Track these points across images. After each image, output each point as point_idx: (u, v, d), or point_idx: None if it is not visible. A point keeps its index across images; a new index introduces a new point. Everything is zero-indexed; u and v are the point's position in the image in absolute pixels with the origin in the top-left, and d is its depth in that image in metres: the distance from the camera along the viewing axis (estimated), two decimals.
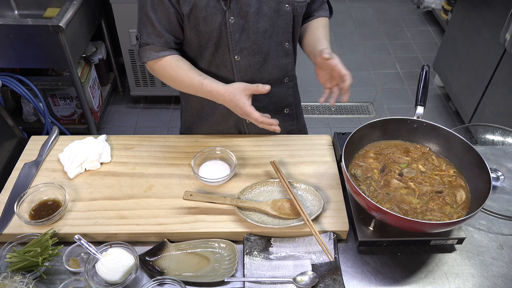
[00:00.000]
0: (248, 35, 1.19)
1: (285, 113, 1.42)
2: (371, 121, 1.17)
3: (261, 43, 1.21)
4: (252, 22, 1.17)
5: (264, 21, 1.18)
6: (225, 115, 1.37)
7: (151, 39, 1.20)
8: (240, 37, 1.19)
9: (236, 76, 1.26)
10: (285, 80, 1.35)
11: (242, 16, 1.16)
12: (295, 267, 1.03)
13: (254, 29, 1.18)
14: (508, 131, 1.39)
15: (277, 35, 1.22)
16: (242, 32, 1.18)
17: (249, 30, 1.18)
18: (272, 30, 1.21)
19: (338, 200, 1.17)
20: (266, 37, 1.21)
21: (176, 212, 1.13)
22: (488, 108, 2.63)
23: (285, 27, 1.22)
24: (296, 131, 1.50)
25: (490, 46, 2.56)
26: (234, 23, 1.16)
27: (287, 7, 1.19)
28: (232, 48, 1.20)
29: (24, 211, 1.11)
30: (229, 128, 1.41)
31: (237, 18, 1.16)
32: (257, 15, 1.16)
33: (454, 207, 1.05)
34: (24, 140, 1.38)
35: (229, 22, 1.16)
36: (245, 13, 1.15)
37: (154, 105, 3.18)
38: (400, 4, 4.57)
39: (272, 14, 1.18)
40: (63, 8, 2.30)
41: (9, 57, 2.30)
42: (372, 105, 3.26)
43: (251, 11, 1.15)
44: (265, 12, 1.17)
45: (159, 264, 1.04)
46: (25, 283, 0.94)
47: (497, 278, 1.04)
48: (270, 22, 1.19)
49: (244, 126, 1.40)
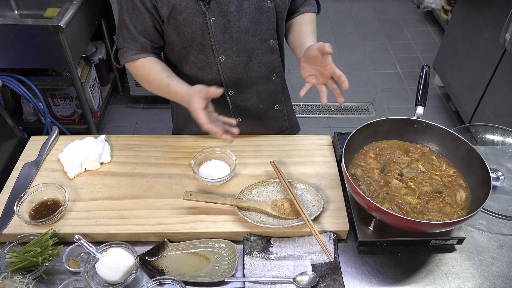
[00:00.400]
0: (231, 34, 1.18)
1: (276, 110, 1.42)
2: (371, 121, 1.17)
3: (244, 41, 1.20)
4: (234, 21, 1.16)
5: (246, 19, 1.17)
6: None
7: (126, 43, 1.20)
8: (223, 37, 1.18)
9: (222, 76, 1.26)
10: (273, 77, 1.34)
11: (223, 15, 1.15)
12: (295, 267, 1.03)
13: (236, 28, 1.17)
14: (508, 131, 1.39)
15: (260, 32, 1.21)
16: (225, 32, 1.17)
17: (231, 29, 1.17)
18: (255, 27, 1.19)
19: (338, 200, 1.17)
20: (249, 35, 1.20)
21: (176, 212, 1.13)
22: (488, 108, 2.63)
23: (269, 23, 1.21)
24: (287, 127, 1.49)
25: (490, 46, 2.56)
26: (216, 23, 1.15)
27: (269, 4, 1.17)
28: (216, 48, 1.19)
29: (24, 211, 1.11)
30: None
31: (218, 18, 1.14)
32: (239, 14, 1.15)
33: (454, 207, 1.05)
34: (24, 140, 1.38)
35: (210, 23, 1.14)
36: (226, 13, 1.14)
37: (154, 105, 3.18)
38: (400, 4, 4.57)
39: (254, 12, 1.17)
40: (63, 8, 2.30)
41: (9, 57, 2.30)
42: (372, 105, 3.26)
43: (231, 10, 1.14)
44: (246, 10, 1.16)
45: (159, 264, 1.04)
46: (25, 283, 0.94)
47: (497, 278, 1.04)
48: (253, 20, 1.18)
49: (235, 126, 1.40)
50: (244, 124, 1.39)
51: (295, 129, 1.55)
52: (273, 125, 1.44)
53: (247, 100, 1.33)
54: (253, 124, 1.41)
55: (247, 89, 1.31)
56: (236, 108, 1.35)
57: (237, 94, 1.31)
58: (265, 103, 1.38)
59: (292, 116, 1.52)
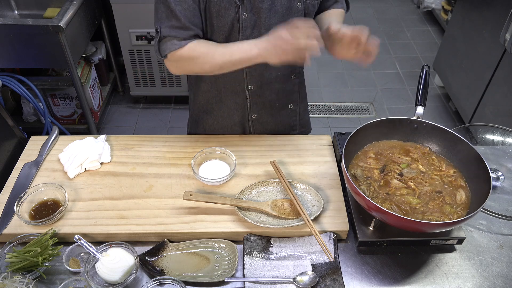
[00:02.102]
0: (259, 31, 1.19)
1: (290, 109, 1.44)
2: (371, 121, 1.17)
3: None
4: (264, 19, 1.17)
5: (276, 18, 1.19)
6: (231, 110, 1.38)
7: (174, 31, 1.14)
8: (251, 32, 1.19)
9: (245, 70, 1.27)
10: (292, 77, 1.36)
11: (255, 12, 1.16)
12: (295, 267, 1.03)
13: (265, 25, 1.18)
14: (508, 131, 1.39)
15: None
16: (254, 28, 1.19)
17: (260, 26, 1.19)
18: None
19: (338, 200, 1.17)
20: None
21: (176, 212, 1.13)
22: (488, 108, 2.62)
23: None
24: (298, 126, 1.50)
25: (490, 46, 2.56)
26: (247, 18, 1.16)
27: (299, 5, 1.20)
28: None
29: (24, 211, 1.11)
30: (234, 124, 1.42)
31: (250, 14, 1.16)
32: (270, 12, 1.17)
33: (454, 207, 1.05)
34: (24, 140, 1.38)
35: (241, 17, 1.16)
36: (258, 9, 1.16)
37: (154, 105, 3.18)
38: (400, 4, 4.57)
39: (284, 12, 1.19)
40: (63, 8, 2.30)
41: (9, 57, 2.30)
42: (372, 105, 3.26)
43: (264, 7, 1.16)
44: (277, 9, 1.18)
45: (159, 264, 1.04)
46: (25, 283, 0.94)
47: (497, 278, 1.04)
48: (282, 19, 1.19)
49: (250, 123, 1.41)
50: (257, 121, 1.41)
51: (306, 129, 1.56)
52: (285, 124, 1.46)
53: (265, 97, 1.35)
54: (266, 121, 1.42)
55: (266, 86, 1.33)
56: (253, 103, 1.36)
57: (256, 90, 1.33)
58: (281, 101, 1.40)
59: (305, 116, 1.53)
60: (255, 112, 1.39)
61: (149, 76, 2.95)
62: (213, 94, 1.37)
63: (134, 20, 2.65)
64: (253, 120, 1.40)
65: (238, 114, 1.39)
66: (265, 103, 1.37)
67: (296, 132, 1.50)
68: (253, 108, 1.38)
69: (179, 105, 3.15)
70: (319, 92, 3.37)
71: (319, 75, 3.54)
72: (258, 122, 1.41)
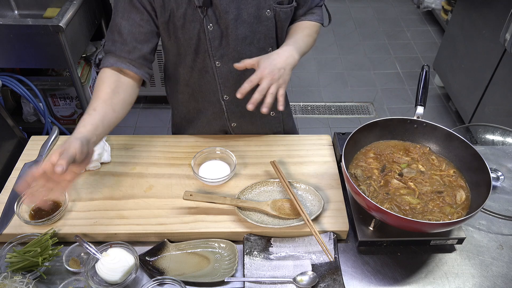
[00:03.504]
0: (227, 41, 1.17)
1: (271, 116, 1.41)
2: (371, 121, 1.17)
3: (241, 49, 1.19)
4: (231, 29, 1.14)
5: (243, 28, 1.15)
6: (210, 120, 1.37)
7: (114, 46, 1.13)
8: (220, 43, 1.17)
9: (217, 81, 1.25)
10: None
11: (221, 23, 1.14)
12: (295, 267, 1.03)
13: (233, 36, 1.16)
14: (508, 131, 1.39)
15: (258, 41, 1.20)
16: (222, 38, 1.16)
17: (228, 37, 1.16)
18: (253, 36, 1.18)
19: (338, 200, 1.17)
20: (246, 44, 1.18)
21: (176, 212, 1.13)
22: (488, 108, 2.63)
23: (267, 32, 1.19)
24: (282, 133, 1.48)
25: (490, 46, 2.56)
26: (213, 30, 1.14)
27: (268, 13, 1.15)
28: (212, 54, 1.18)
29: (24, 211, 1.11)
30: (215, 131, 1.41)
31: (216, 25, 1.14)
32: (236, 22, 1.14)
33: (454, 207, 1.05)
34: (24, 140, 1.38)
35: (207, 29, 1.14)
36: (224, 20, 1.13)
37: (154, 105, 3.18)
38: (400, 4, 4.57)
39: (252, 21, 1.15)
40: (63, 8, 2.30)
41: (9, 57, 2.30)
42: (372, 105, 3.26)
43: (229, 18, 1.12)
44: (244, 19, 1.14)
45: (159, 264, 1.04)
46: (25, 283, 0.94)
47: (497, 278, 1.04)
48: (250, 29, 1.16)
49: (230, 130, 1.40)
50: (239, 129, 1.40)
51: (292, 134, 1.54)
52: (267, 131, 1.43)
53: (242, 106, 1.32)
54: (247, 129, 1.41)
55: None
56: (231, 113, 1.35)
57: (232, 100, 1.30)
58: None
59: (289, 122, 1.51)
60: (234, 121, 1.37)
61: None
62: (192, 105, 1.36)
63: None
64: (233, 128, 1.39)
65: (217, 123, 1.38)
66: (243, 112, 1.33)
67: None
68: (231, 117, 1.36)
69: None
70: (319, 92, 3.37)
71: (319, 75, 3.54)
72: (238, 129, 1.40)
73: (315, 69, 3.60)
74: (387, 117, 1.19)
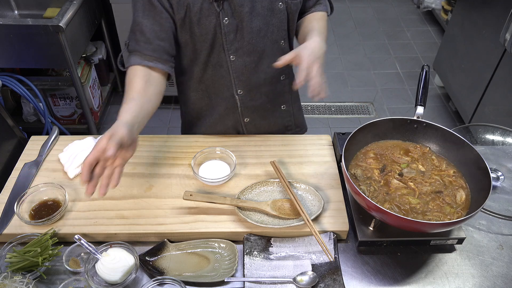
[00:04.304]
0: (242, 35, 1.19)
1: (282, 110, 1.43)
2: (371, 121, 1.17)
3: (256, 42, 1.21)
4: (246, 22, 1.16)
5: (258, 20, 1.18)
6: (222, 116, 1.37)
7: (139, 46, 1.15)
8: (234, 37, 1.19)
9: (232, 75, 1.26)
10: (281, 78, 1.34)
11: (236, 16, 1.16)
12: (295, 267, 1.03)
13: (248, 28, 1.18)
14: (508, 131, 1.39)
15: (271, 33, 1.22)
16: (237, 32, 1.18)
17: (243, 30, 1.18)
18: (267, 28, 1.20)
19: (338, 200, 1.17)
20: (260, 36, 1.21)
21: (176, 212, 1.13)
22: (488, 108, 2.62)
23: (280, 25, 1.22)
24: (293, 127, 1.50)
25: (490, 46, 2.56)
26: (228, 23, 1.16)
27: (281, 5, 1.18)
28: (227, 48, 1.20)
29: (24, 211, 1.11)
30: (227, 128, 1.41)
31: (231, 18, 1.15)
32: (251, 15, 1.16)
33: (454, 207, 1.05)
34: (24, 140, 1.38)
35: (223, 23, 1.15)
36: (239, 13, 1.15)
37: None
38: (400, 4, 4.57)
39: (266, 13, 1.18)
40: (63, 8, 2.30)
41: (9, 57, 2.30)
42: (372, 105, 3.26)
43: (244, 11, 1.15)
44: (258, 11, 1.17)
45: (159, 264, 1.04)
46: (25, 283, 0.94)
47: (497, 278, 1.04)
48: (264, 21, 1.19)
49: (243, 126, 1.41)
50: (251, 124, 1.40)
51: (301, 129, 1.55)
52: (279, 125, 1.45)
53: (256, 100, 1.34)
54: (260, 124, 1.42)
55: (255, 89, 1.32)
56: (244, 107, 1.35)
57: (246, 94, 1.32)
58: (273, 103, 1.39)
59: (299, 116, 1.52)
60: (247, 115, 1.38)
61: None
62: (205, 102, 1.36)
63: None
64: (246, 123, 1.40)
65: (230, 119, 1.38)
66: (256, 106, 1.36)
67: (291, 133, 1.49)
68: (244, 112, 1.37)
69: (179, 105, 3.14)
70: None
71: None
72: (251, 125, 1.41)
73: None
74: (387, 117, 1.19)
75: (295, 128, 1.51)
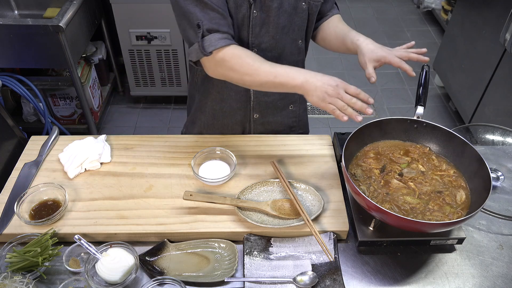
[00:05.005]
0: (267, 29, 1.20)
1: (290, 109, 1.44)
2: (371, 121, 1.17)
3: (279, 38, 1.23)
4: (273, 17, 1.19)
5: (284, 17, 1.20)
6: (233, 109, 1.37)
7: (213, 23, 1.08)
8: (260, 30, 1.20)
9: None
10: None
11: (265, 10, 1.17)
12: (295, 267, 1.03)
13: (274, 24, 1.20)
14: (508, 131, 1.39)
15: (293, 32, 1.25)
16: (262, 26, 1.20)
17: (269, 24, 1.20)
18: (290, 26, 1.23)
19: (338, 200, 1.17)
20: (284, 33, 1.23)
21: (176, 212, 1.13)
22: (488, 108, 2.63)
23: (301, 24, 1.25)
24: (297, 128, 1.50)
25: (490, 46, 2.56)
26: (257, 16, 1.17)
27: (304, 5, 1.22)
28: (252, 41, 1.21)
29: (24, 211, 1.11)
30: (235, 123, 1.40)
31: (260, 12, 1.17)
32: (278, 11, 1.18)
33: (454, 207, 1.05)
34: (24, 140, 1.38)
35: (252, 15, 1.17)
36: (268, 8, 1.17)
37: (154, 105, 3.18)
38: (400, 4, 4.57)
39: (291, 11, 1.20)
40: (63, 8, 2.30)
41: (9, 57, 2.30)
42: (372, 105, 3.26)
43: (273, 6, 1.17)
44: (285, 8, 1.19)
45: (159, 264, 1.04)
46: (25, 283, 0.94)
47: (497, 278, 1.04)
48: (289, 19, 1.21)
49: (251, 123, 1.40)
50: (258, 121, 1.41)
51: (304, 131, 1.55)
52: (284, 125, 1.46)
53: (269, 96, 1.36)
54: (267, 122, 1.42)
55: None
56: (257, 103, 1.36)
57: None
58: (284, 101, 1.40)
59: (304, 118, 1.53)
60: (257, 112, 1.38)
61: (149, 76, 2.95)
62: (219, 95, 1.36)
63: (134, 20, 2.65)
64: (255, 120, 1.40)
65: (240, 113, 1.38)
66: (268, 103, 1.37)
67: (294, 133, 1.50)
68: (256, 107, 1.37)
69: (179, 105, 3.15)
70: None
71: None
72: (259, 122, 1.41)
73: (316, 69, 3.60)
74: (387, 117, 1.19)
75: (299, 129, 1.51)
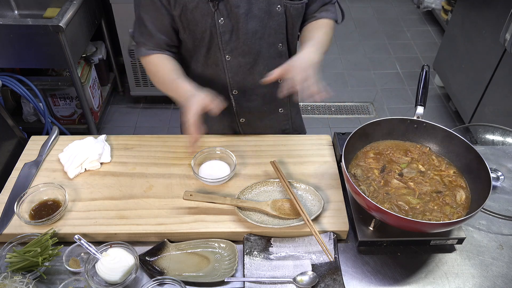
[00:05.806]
0: (238, 36, 1.19)
1: (280, 113, 1.42)
2: (371, 121, 1.17)
3: (251, 44, 1.21)
4: (241, 23, 1.17)
5: (254, 22, 1.17)
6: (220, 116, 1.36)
7: (143, 38, 1.23)
8: (230, 37, 1.19)
9: (227, 75, 1.27)
10: (279, 81, 1.33)
11: (232, 17, 1.16)
12: (295, 267, 1.03)
13: (243, 30, 1.18)
14: (508, 131, 1.39)
15: (268, 36, 1.22)
16: (232, 33, 1.18)
17: (238, 31, 1.18)
18: (263, 31, 1.20)
19: (338, 200, 1.17)
20: (256, 38, 1.20)
21: (176, 212, 1.13)
22: (488, 108, 2.63)
23: (277, 28, 1.21)
24: (290, 130, 1.49)
25: (490, 46, 2.56)
26: (224, 24, 1.16)
27: (279, 8, 1.18)
28: (223, 48, 1.21)
29: (24, 211, 1.11)
30: (224, 128, 1.42)
31: (227, 19, 1.16)
32: (247, 16, 1.16)
33: (454, 207, 1.05)
34: (24, 140, 1.38)
35: (218, 23, 1.16)
36: (235, 14, 1.15)
37: (154, 105, 3.18)
38: (400, 4, 4.57)
39: (263, 15, 1.17)
40: (63, 8, 2.30)
41: (9, 57, 2.30)
42: (372, 105, 3.26)
43: (240, 12, 1.15)
44: (255, 13, 1.16)
45: (159, 264, 1.04)
46: (25, 283, 0.94)
47: (497, 278, 1.04)
48: (261, 23, 1.18)
49: (239, 126, 1.40)
50: (247, 125, 1.40)
51: (300, 132, 1.54)
52: (275, 128, 1.45)
53: (251, 101, 1.34)
54: (256, 125, 1.41)
55: (251, 91, 1.32)
56: (239, 108, 1.35)
57: (241, 94, 1.32)
58: (270, 106, 1.39)
59: (297, 119, 1.52)
60: (243, 116, 1.38)
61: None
62: None
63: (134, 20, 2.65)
64: (242, 124, 1.40)
65: (226, 118, 1.38)
66: (251, 108, 1.36)
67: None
68: (240, 112, 1.37)
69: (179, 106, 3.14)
70: None
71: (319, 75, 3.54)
72: (247, 126, 1.40)
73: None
74: (387, 117, 1.19)
75: (293, 132, 1.50)
